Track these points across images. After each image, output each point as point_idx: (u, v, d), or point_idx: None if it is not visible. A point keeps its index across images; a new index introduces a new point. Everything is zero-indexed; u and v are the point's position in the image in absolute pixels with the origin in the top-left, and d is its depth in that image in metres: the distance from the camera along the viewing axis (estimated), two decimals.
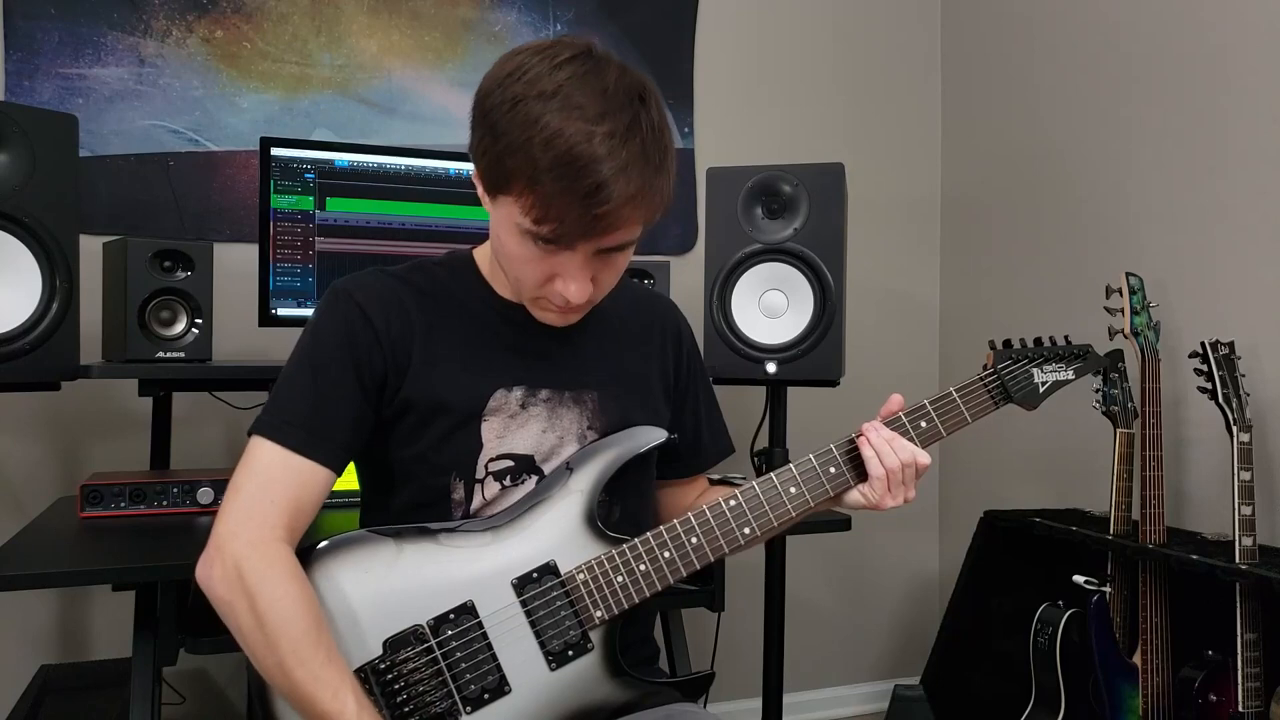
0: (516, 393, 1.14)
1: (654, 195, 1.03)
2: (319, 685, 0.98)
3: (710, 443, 1.34)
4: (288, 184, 1.91)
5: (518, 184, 0.99)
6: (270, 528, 1.03)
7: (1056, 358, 1.28)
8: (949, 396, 1.20)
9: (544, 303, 1.10)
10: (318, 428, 1.07)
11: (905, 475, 1.15)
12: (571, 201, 0.97)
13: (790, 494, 1.14)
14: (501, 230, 1.07)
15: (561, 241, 1.01)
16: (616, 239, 1.03)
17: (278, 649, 0.99)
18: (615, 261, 1.09)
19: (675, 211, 2.63)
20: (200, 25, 2.22)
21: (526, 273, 1.07)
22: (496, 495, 1.13)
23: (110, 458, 2.14)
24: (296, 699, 1.00)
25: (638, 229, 1.05)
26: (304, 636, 0.99)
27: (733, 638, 2.40)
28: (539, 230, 1.01)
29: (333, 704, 0.97)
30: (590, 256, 1.04)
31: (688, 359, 1.32)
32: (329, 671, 0.99)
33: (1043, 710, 2.04)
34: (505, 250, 1.08)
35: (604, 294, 1.12)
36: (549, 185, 0.97)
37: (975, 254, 2.81)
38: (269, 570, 1.01)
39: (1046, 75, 2.55)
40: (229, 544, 1.02)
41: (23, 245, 1.58)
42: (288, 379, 1.11)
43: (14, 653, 2.08)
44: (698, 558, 1.12)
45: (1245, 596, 1.72)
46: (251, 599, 1.00)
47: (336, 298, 1.13)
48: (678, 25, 2.64)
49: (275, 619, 0.99)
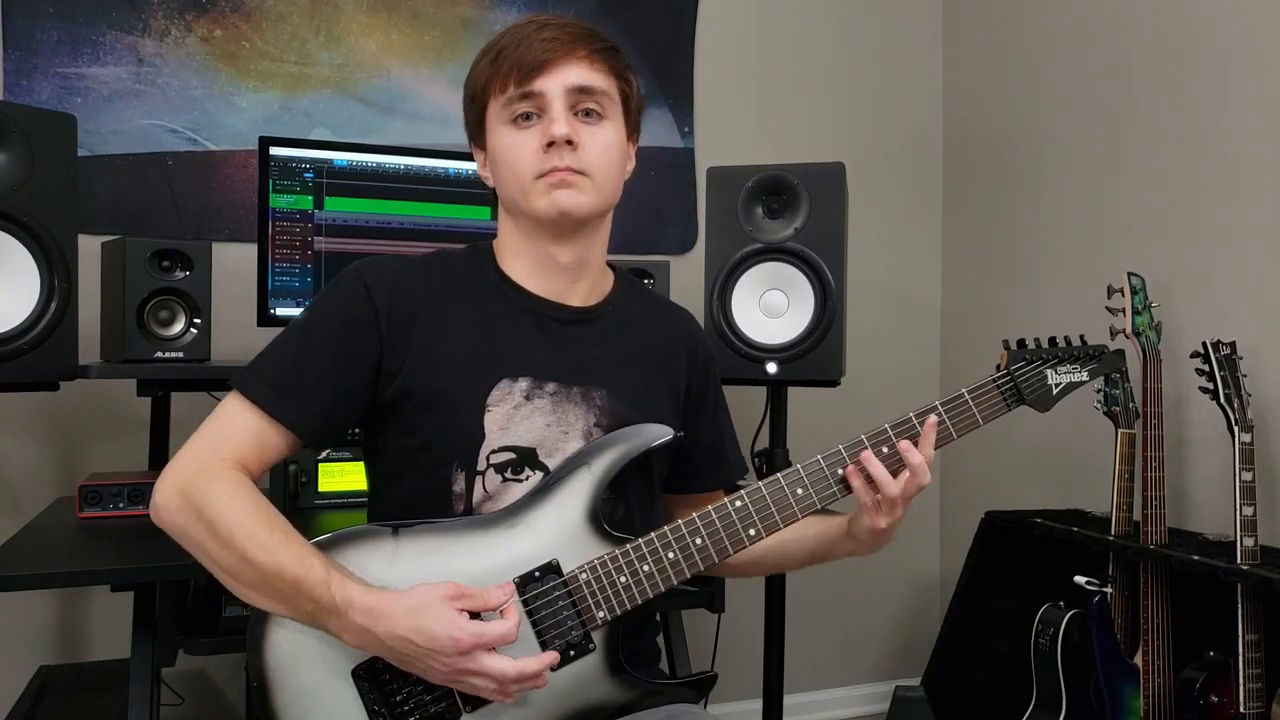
0: (522, 384, 1.14)
1: (600, 42, 1.15)
2: (281, 559, 1.00)
3: (728, 457, 1.35)
4: (286, 183, 1.91)
5: (482, 77, 1.15)
6: (219, 458, 1.07)
7: (1071, 358, 1.25)
8: (960, 398, 1.19)
9: (542, 182, 1.13)
10: (290, 390, 1.09)
11: (905, 494, 1.13)
12: (525, 38, 1.12)
13: (797, 494, 1.13)
14: (496, 144, 1.16)
15: (526, 80, 1.11)
16: (580, 77, 1.12)
17: (234, 544, 1.01)
18: (595, 129, 1.14)
19: (675, 211, 2.62)
20: (199, 24, 2.22)
21: (523, 153, 1.13)
22: (498, 488, 1.12)
23: (109, 458, 2.13)
24: (267, 585, 1.01)
25: (597, 77, 1.14)
26: (256, 525, 1.02)
27: (733, 638, 2.40)
28: (512, 91, 1.12)
29: (298, 569, 1.00)
30: (569, 111, 1.12)
31: (703, 372, 1.31)
32: (289, 546, 1.02)
33: (1044, 711, 2.04)
34: (502, 154, 1.15)
35: (594, 161, 1.14)
36: (502, 49, 1.13)
37: (976, 254, 2.81)
38: (210, 483, 1.04)
39: (1048, 73, 2.55)
40: (171, 474, 1.06)
41: (21, 245, 1.58)
42: (276, 341, 1.14)
43: (13, 653, 2.08)
44: (702, 559, 1.11)
45: (1247, 597, 1.72)
46: (199, 511, 1.03)
47: (347, 276, 1.16)
48: (678, 25, 2.63)
49: (225, 519, 1.02)
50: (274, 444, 1.10)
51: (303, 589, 0.99)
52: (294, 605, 1.01)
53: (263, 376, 1.10)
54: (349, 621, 0.99)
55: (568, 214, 1.13)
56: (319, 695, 1.04)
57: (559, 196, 1.13)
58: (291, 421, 1.09)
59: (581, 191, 1.14)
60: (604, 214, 1.20)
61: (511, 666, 0.98)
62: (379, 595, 0.99)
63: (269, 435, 1.09)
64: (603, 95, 1.14)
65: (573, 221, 1.15)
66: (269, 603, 1.03)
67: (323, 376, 1.10)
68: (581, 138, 1.13)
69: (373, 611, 0.98)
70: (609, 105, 1.16)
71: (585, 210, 1.15)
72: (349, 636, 1.00)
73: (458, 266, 1.21)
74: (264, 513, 1.04)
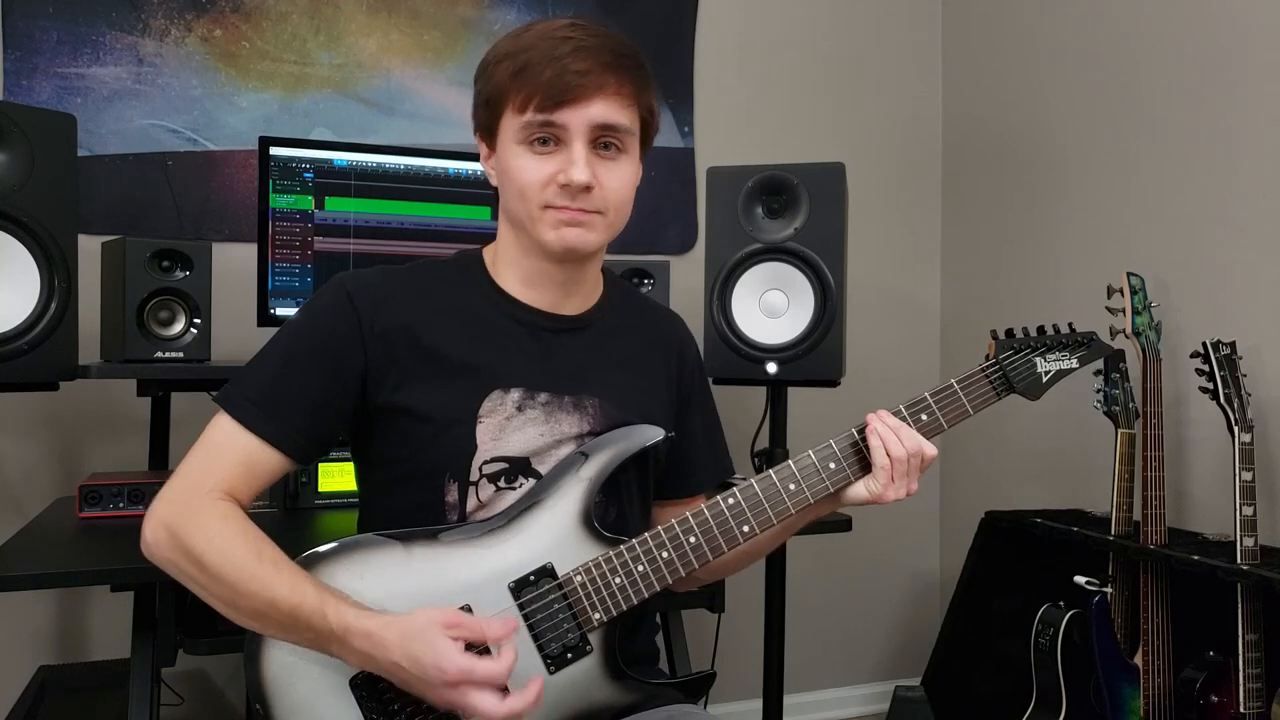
0: (514, 395, 1.14)
1: (631, 72, 1.10)
2: (274, 590, 1.00)
3: (711, 461, 1.34)
4: (286, 183, 1.91)
5: (503, 85, 1.10)
6: (206, 491, 1.06)
7: (1060, 346, 1.25)
8: (950, 388, 1.19)
9: (552, 214, 1.11)
10: (273, 407, 1.08)
11: (910, 465, 1.14)
12: (552, 63, 1.07)
13: (789, 491, 1.13)
14: (507, 158, 1.12)
15: (551, 110, 1.07)
16: (605, 113, 1.08)
17: (224, 578, 1.01)
18: (613, 166, 1.12)
19: (675, 211, 2.62)
20: (199, 24, 2.22)
21: (534, 179, 1.10)
22: (491, 498, 1.12)
23: (109, 458, 2.13)
24: (264, 616, 1.01)
25: (623, 114, 1.10)
26: (245, 557, 1.01)
27: (733, 638, 2.40)
28: (534, 116, 1.08)
29: (291, 598, 0.99)
30: (588, 148, 1.09)
31: (690, 375, 1.31)
32: (279, 576, 1.01)
33: (1044, 711, 2.04)
34: (512, 174, 1.12)
35: (610, 201, 1.12)
36: (528, 64, 1.08)
37: (976, 254, 2.81)
38: (196, 518, 1.03)
39: (1048, 73, 2.54)
40: (158, 510, 1.05)
41: (21, 245, 1.58)
42: (260, 355, 1.13)
43: (12, 653, 2.08)
44: (696, 558, 1.11)
45: (1247, 597, 1.72)
46: (186, 549, 1.02)
47: (331, 288, 1.14)
48: (678, 25, 2.63)
49: (212, 554, 1.01)
50: (263, 461, 1.08)
51: (300, 618, 0.99)
52: (294, 633, 1.01)
53: (246, 393, 1.09)
54: (349, 647, 0.98)
55: (574, 251, 1.13)
56: (318, 706, 1.04)
57: (568, 234, 1.11)
58: (275, 439, 1.08)
59: (592, 230, 1.12)
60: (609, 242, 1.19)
61: (499, 708, 0.96)
62: (374, 620, 0.98)
63: (256, 454, 1.08)
64: (624, 132, 1.12)
65: (580, 255, 1.15)
66: (270, 630, 1.02)
67: (303, 391, 1.09)
68: (599, 175, 1.10)
69: (370, 637, 0.97)
70: (629, 140, 1.13)
71: (593, 247, 1.14)
72: (353, 659, 1.00)
73: (446, 276, 1.19)
74: (252, 542, 1.03)
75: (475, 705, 0.96)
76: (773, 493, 1.13)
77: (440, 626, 0.96)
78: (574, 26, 1.10)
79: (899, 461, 1.13)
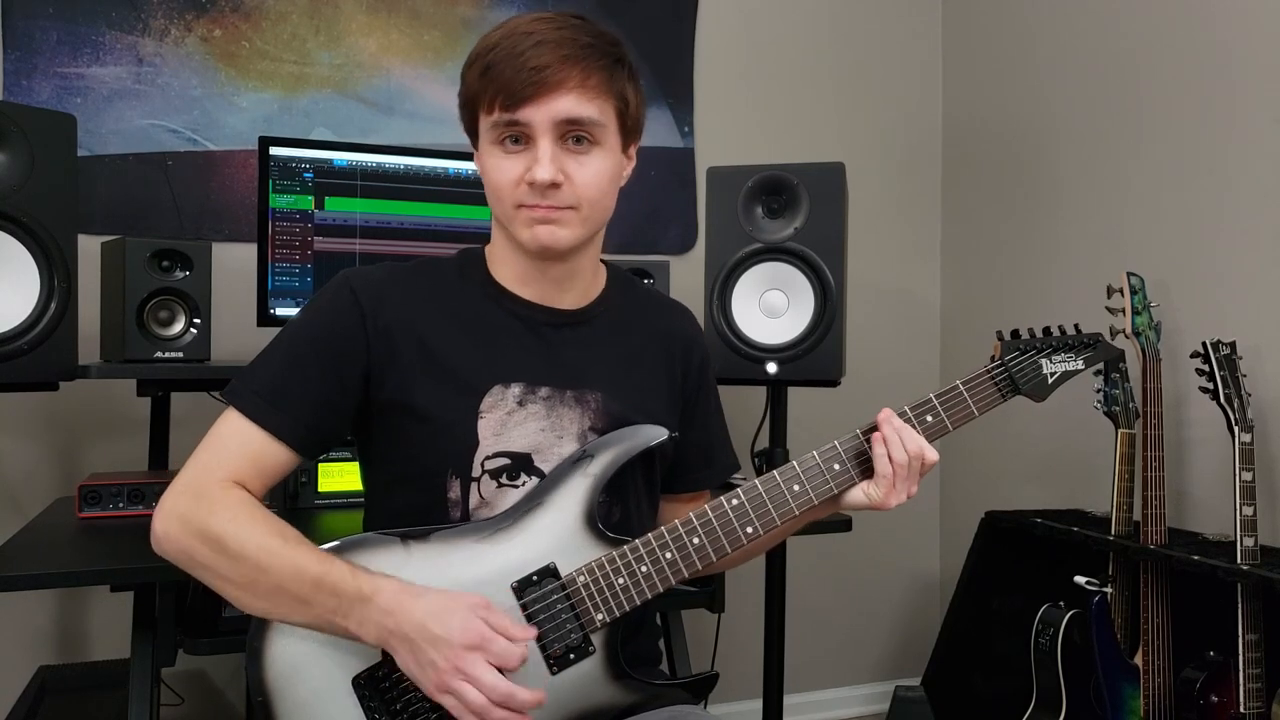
0: (515, 389, 1.14)
1: (597, 61, 1.09)
2: (300, 560, 1.01)
3: (718, 458, 1.34)
4: (286, 183, 1.91)
5: (474, 86, 1.11)
6: (216, 481, 1.06)
7: (1065, 347, 1.25)
8: (955, 390, 1.19)
9: (525, 213, 1.11)
10: (279, 400, 1.09)
11: (911, 469, 1.13)
12: (512, 60, 1.07)
13: (794, 491, 1.13)
14: (484, 158, 1.14)
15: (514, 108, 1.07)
16: (569, 108, 1.07)
17: (247, 555, 1.01)
18: (584, 159, 1.11)
19: (675, 211, 2.62)
20: (199, 24, 2.21)
21: (505, 179, 1.11)
22: (494, 494, 1.12)
23: (108, 458, 2.13)
24: (284, 590, 1.01)
25: (589, 106, 1.09)
26: (267, 534, 1.02)
27: (733, 639, 2.40)
28: (499, 115, 1.08)
29: (319, 566, 1.00)
30: (556, 145, 1.09)
31: (698, 371, 1.30)
32: (305, 547, 1.02)
33: (1044, 711, 2.04)
34: (488, 175, 1.13)
35: (583, 194, 1.11)
36: (492, 64, 1.08)
37: (976, 253, 2.81)
38: (212, 504, 1.04)
39: (1048, 74, 2.55)
40: (168, 503, 1.06)
41: (21, 245, 1.58)
42: (266, 351, 1.13)
43: (12, 653, 2.08)
44: (700, 558, 1.10)
45: (1247, 597, 1.72)
46: (204, 533, 1.03)
47: (336, 284, 1.15)
48: (678, 25, 2.63)
49: (234, 534, 1.02)
50: (269, 456, 1.09)
51: (325, 584, 0.99)
52: (312, 605, 1.00)
53: (253, 387, 1.10)
54: (374, 607, 0.98)
55: (548, 249, 1.12)
56: (321, 705, 1.04)
57: (540, 232, 1.11)
58: (281, 432, 1.08)
59: (564, 226, 1.11)
60: (592, 236, 1.18)
61: (501, 683, 0.96)
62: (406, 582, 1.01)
63: (263, 448, 1.08)
64: (593, 125, 1.10)
65: (556, 252, 1.14)
66: (283, 609, 1.02)
67: (307, 386, 1.10)
68: (569, 170, 1.09)
69: (402, 593, 0.99)
70: (600, 131, 1.11)
71: (568, 243, 1.13)
72: (368, 628, 0.99)
73: (447, 274, 1.20)
74: (273, 522, 1.04)
75: (479, 676, 0.96)
76: (777, 493, 1.13)
77: (476, 605, 0.99)
78: (539, 20, 1.10)
79: (900, 467, 1.13)
